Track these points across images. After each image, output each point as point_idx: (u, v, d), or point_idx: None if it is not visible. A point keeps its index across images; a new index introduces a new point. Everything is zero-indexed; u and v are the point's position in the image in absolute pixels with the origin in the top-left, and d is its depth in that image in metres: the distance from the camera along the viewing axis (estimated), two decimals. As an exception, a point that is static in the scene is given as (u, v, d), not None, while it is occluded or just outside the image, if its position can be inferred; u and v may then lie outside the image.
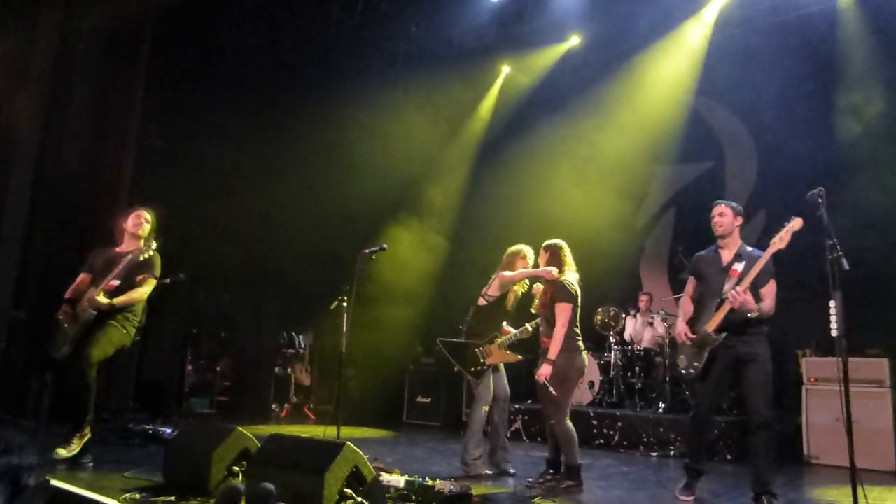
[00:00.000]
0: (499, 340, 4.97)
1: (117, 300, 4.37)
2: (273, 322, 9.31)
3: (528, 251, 5.05)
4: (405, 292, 7.46)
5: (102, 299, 4.31)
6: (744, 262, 4.06)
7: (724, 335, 3.96)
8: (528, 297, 5.10)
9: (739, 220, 4.29)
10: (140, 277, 4.48)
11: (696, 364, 4.08)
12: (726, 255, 4.24)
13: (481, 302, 5.09)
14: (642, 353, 7.66)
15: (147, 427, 5.74)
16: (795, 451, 6.44)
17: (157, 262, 4.60)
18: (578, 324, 4.71)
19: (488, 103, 9.99)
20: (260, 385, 8.88)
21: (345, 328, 5.08)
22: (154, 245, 4.57)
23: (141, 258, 4.46)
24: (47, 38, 6.99)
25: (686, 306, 4.37)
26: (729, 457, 6.21)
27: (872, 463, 5.74)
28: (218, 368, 9.23)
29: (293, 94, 9.44)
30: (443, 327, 9.23)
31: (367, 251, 5.23)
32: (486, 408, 4.97)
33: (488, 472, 4.91)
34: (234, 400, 9.01)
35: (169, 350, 8.63)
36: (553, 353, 4.43)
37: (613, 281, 8.82)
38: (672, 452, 6.43)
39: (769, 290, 4.02)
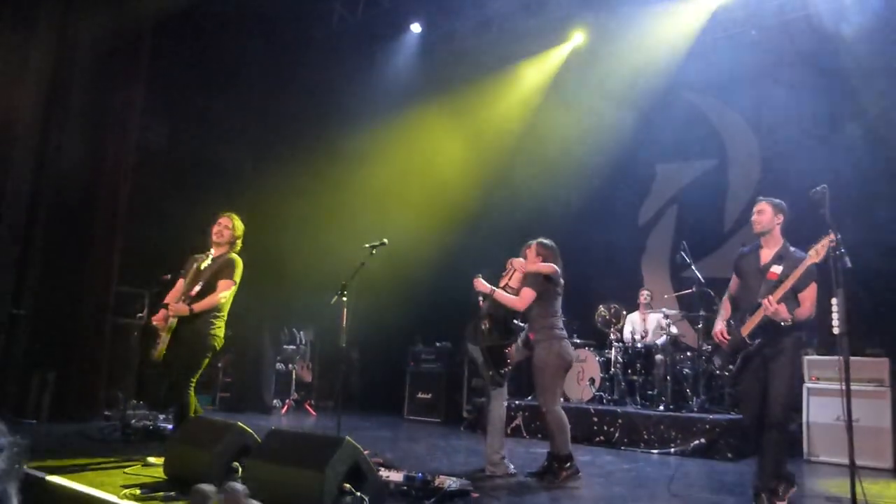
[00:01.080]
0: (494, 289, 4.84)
1: (196, 305, 4.46)
2: (274, 318, 9.32)
3: (547, 243, 4.99)
4: (405, 287, 7.46)
5: (182, 306, 4.43)
6: (783, 265, 3.89)
7: (757, 341, 3.88)
8: None
9: (780, 218, 4.03)
10: (219, 281, 4.56)
11: (730, 367, 4.02)
12: (765, 255, 4.07)
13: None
14: (643, 350, 7.65)
15: (148, 423, 5.74)
16: (796, 450, 6.46)
17: (237, 265, 4.69)
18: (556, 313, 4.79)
19: (508, 100, 9.95)
20: (261, 381, 8.89)
21: (344, 323, 5.07)
22: (236, 249, 4.77)
23: (221, 262, 4.64)
24: (47, 36, 7.00)
25: (726, 305, 4.27)
26: (730, 455, 6.20)
27: (872, 460, 5.75)
28: (219, 364, 9.23)
29: (294, 91, 9.45)
30: (443, 321, 9.29)
31: (367, 245, 5.22)
32: (505, 404, 4.95)
33: (514, 469, 4.81)
34: (236, 396, 9.02)
35: (170, 346, 8.64)
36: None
37: (615, 278, 8.83)
38: (672, 450, 6.43)
39: (808, 294, 3.87)
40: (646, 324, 7.99)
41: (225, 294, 4.56)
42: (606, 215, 9.15)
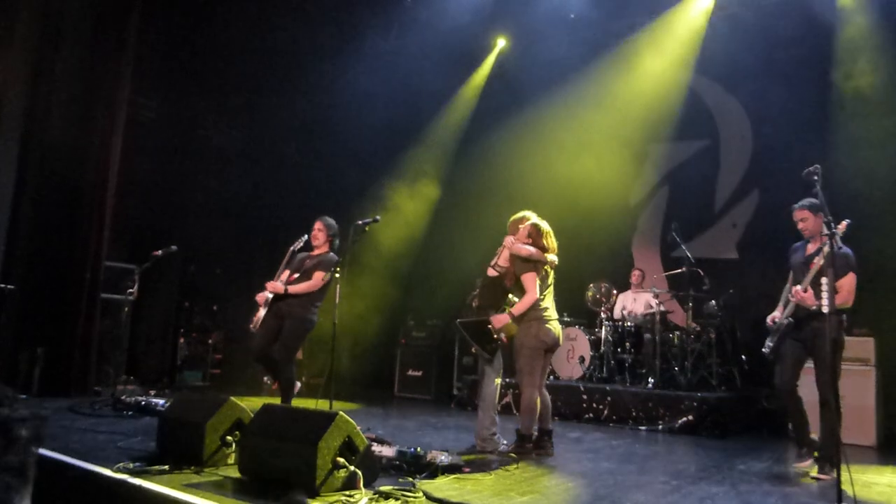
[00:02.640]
0: (508, 311, 4.85)
1: (291, 287, 5.24)
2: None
3: (530, 215, 4.99)
4: (397, 265, 7.46)
5: (278, 285, 5.25)
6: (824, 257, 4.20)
7: (789, 321, 4.52)
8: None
9: (822, 217, 4.22)
10: (315, 272, 5.29)
11: (772, 347, 4.63)
12: (811, 248, 4.62)
13: (491, 273, 5.00)
14: (633, 329, 7.71)
15: (140, 399, 5.75)
16: (784, 428, 6.56)
17: (330, 259, 5.36)
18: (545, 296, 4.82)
19: (482, 75, 9.92)
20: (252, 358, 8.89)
21: (337, 300, 5.06)
22: (335, 246, 5.52)
23: (319, 257, 5.41)
24: (32, 8, 6.85)
25: (783, 297, 4.74)
26: (717, 432, 6.29)
27: (856, 438, 5.87)
28: (210, 341, 9.23)
29: (287, 65, 9.33)
30: (434, 299, 9.31)
31: (360, 223, 5.20)
32: (499, 381, 4.92)
33: (505, 444, 4.82)
34: (227, 373, 9.04)
35: (161, 323, 8.63)
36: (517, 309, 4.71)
37: (606, 258, 8.85)
38: (660, 427, 6.51)
39: (845, 283, 4.33)
40: (637, 303, 8.05)
41: (315, 283, 5.23)
42: (598, 195, 9.15)
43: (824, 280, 3.98)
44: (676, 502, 3.53)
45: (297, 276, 5.31)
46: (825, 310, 3.54)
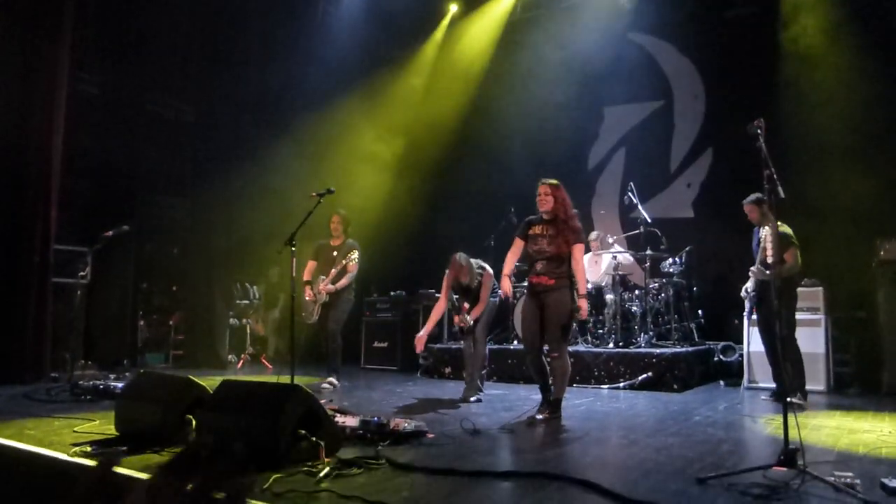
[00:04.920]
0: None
1: (338, 284, 6.38)
2: (226, 273, 9.17)
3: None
4: (357, 237, 7.44)
5: (330, 287, 6.38)
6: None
7: (753, 293, 5.71)
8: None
9: (762, 206, 5.29)
10: (350, 267, 6.38)
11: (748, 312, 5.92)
12: (761, 232, 5.53)
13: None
14: (594, 291, 7.83)
15: (98, 382, 5.64)
16: (738, 377, 6.80)
17: (355, 250, 6.44)
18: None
19: (435, 42, 9.84)
20: (214, 337, 8.80)
21: (293, 273, 5.01)
22: (350, 234, 6.68)
23: (346, 248, 6.46)
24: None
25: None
26: (675, 386, 6.47)
27: (808, 384, 6.06)
28: (171, 322, 9.09)
29: (236, 39, 9.07)
30: (396, 270, 9.29)
31: (314, 194, 5.14)
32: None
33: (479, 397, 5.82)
34: (190, 353, 8.93)
35: (118, 305, 8.44)
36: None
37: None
38: (622, 385, 6.67)
39: (788, 256, 5.35)
40: (597, 265, 8.15)
41: (353, 273, 6.43)
42: (557, 159, 9.19)
43: (768, 255, 4.94)
44: (633, 455, 3.63)
45: (335, 271, 6.35)
46: (769, 260, 3.76)
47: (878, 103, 6.79)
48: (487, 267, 5.95)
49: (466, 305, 5.80)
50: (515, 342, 7.81)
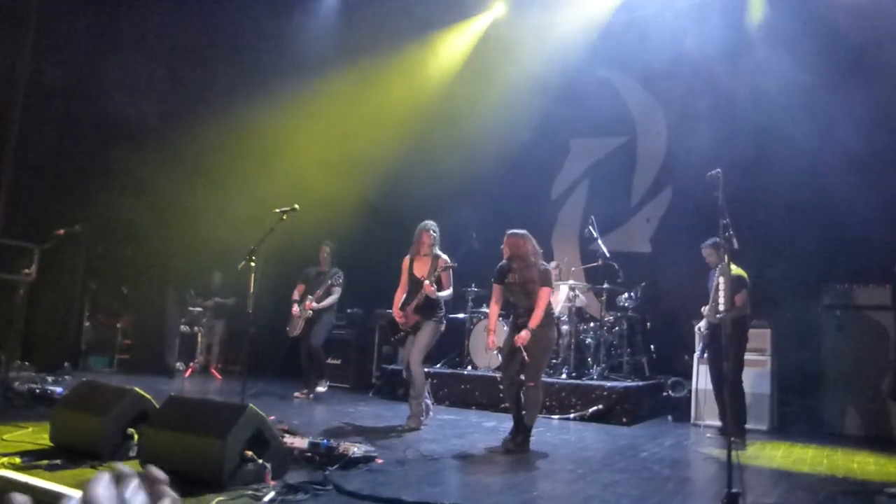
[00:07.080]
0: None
1: (321, 304, 7.16)
2: (179, 278, 8.96)
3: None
4: (315, 254, 7.38)
5: (313, 305, 7.12)
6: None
7: (707, 332, 5.99)
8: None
9: (720, 250, 5.11)
10: (333, 289, 7.22)
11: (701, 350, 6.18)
12: (716, 275, 5.68)
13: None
14: (550, 320, 7.90)
15: (34, 386, 5.41)
16: (685, 415, 6.93)
17: (339, 275, 7.24)
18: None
19: (426, 68, 9.85)
20: (164, 343, 8.57)
21: (251, 289, 4.93)
22: (335, 266, 7.37)
23: (331, 274, 7.21)
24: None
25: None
26: (624, 419, 6.55)
27: (753, 424, 6.24)
28: (119, 325, 8.82)
29: (202, 34, 8.93)
30: (352, 288, 9.21)
31: (278, 210, 5.07)
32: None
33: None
34: (136, 358, 8.67)
35: (63, 306, 8.15)
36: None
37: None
38: (572, 415, 6.72)
39: (738, 298, 5.54)
40: (556, 296, 8.23)
41: (335, 297, 7.26)
42: (521, 188, 9.28)
43: (721, 298, 5.25)
44: (581, 490, 3.65)
45: (320, 292, 7.12)
46: (721, 307, 3.80)
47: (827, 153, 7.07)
48: (453, 269, 5.79)
49: (428, 287, 5.55)
50: (469, 367, 7.81)
